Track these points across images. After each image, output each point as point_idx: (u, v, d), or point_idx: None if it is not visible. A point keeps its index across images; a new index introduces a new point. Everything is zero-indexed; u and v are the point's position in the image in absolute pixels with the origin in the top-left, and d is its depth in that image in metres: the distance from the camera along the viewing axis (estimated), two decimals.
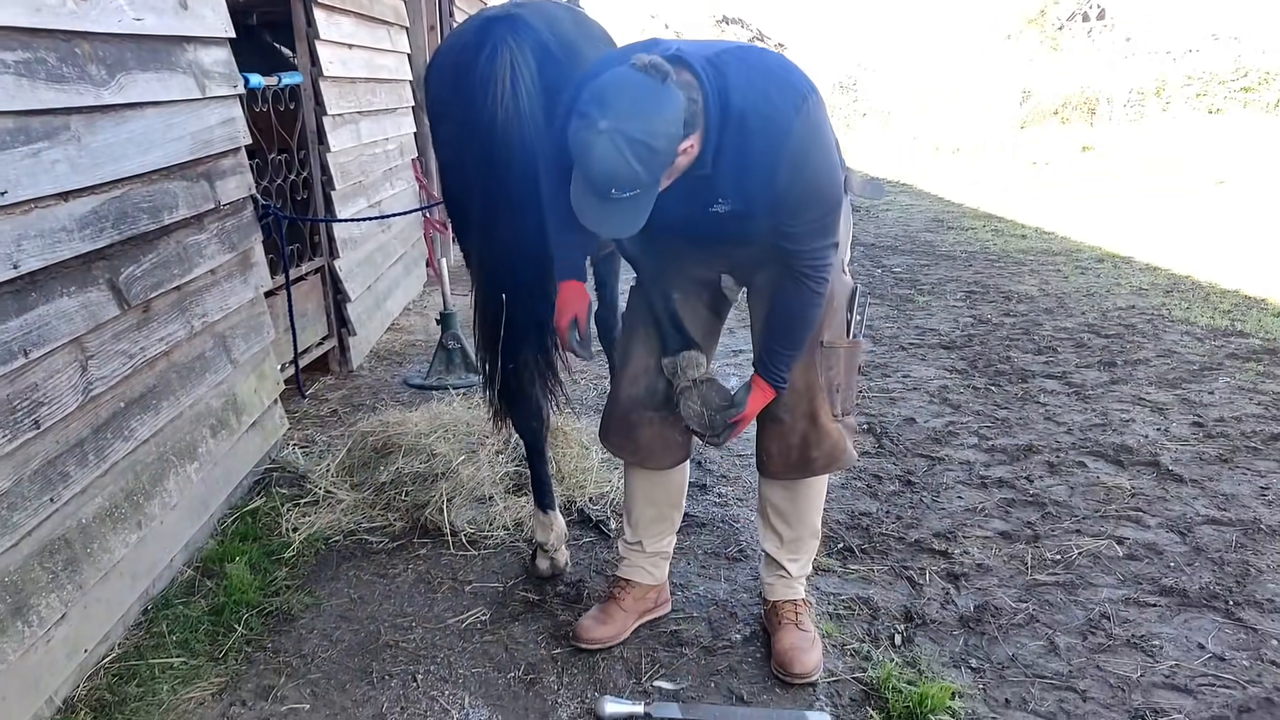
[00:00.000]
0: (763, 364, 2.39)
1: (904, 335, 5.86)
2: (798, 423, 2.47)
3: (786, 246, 2.21)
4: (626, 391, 2.57)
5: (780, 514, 2.67)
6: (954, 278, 7.46)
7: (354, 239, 5.50)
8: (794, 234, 2.18)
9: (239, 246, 3.68)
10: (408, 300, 6.86)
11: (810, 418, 2.47)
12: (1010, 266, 7.80)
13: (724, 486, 3.74)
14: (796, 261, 2.23)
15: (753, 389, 2.40)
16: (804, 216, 2.16)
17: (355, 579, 3.12)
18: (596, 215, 2.00)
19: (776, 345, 2.36)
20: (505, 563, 3.20)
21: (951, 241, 9.03)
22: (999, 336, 5.75)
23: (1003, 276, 7.43)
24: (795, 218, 2.15)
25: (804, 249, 2.21)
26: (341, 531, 3.40)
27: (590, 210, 2.00)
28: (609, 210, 1.99)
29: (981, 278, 7.41)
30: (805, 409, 2.46)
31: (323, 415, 4.63)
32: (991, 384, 4.91)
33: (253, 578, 3.05)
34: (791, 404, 2.46)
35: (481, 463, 3.62)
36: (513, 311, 2.63)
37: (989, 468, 3.90)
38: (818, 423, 2.47)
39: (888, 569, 3.13)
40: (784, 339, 2.35)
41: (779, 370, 2.38)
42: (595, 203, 1.99)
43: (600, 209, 1.99)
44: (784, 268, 2.27)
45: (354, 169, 5.56)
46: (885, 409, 4.59)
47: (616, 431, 2.61)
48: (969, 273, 7.63)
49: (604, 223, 2.01)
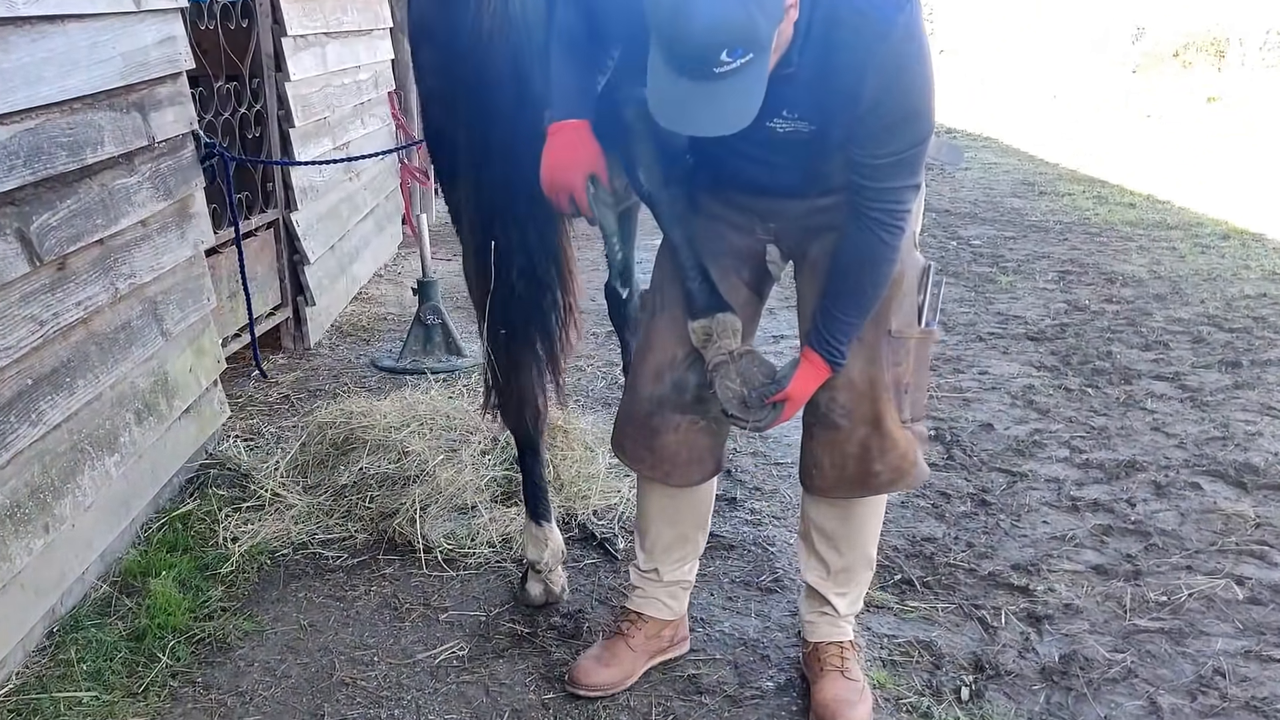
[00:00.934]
0: (817, 333, 2.35)
1: (982, 323, 5.83)
2: (857, 429, 2.45)
3: (861, 183, 2.19)
4: (648, 389, 2.55)
5: (828, 538, 2.66)
6: (1045, 254, 7.40)
7: (315, 188, 5.50)
8: (873, 167, 2.15)
9: (176, 193, 3.67)
10: (379, 264, 6.87)
11: (873, 423, 2.45)
12: (1115, 242, 7.75)
13: (757, 501, 3.73)
14: (869, 203, 2.20)
15: (803, 364, 2.37)
16: (890, 145, 2.13)
17: (306, 602, 3.12)
18: (693, 104, 1.89)
19: (837, 310, 2.32)
20: (489, 587, 3.19)
21: (1043, 210, 8.97)
22: (1098, 327, 5.72)
23: (1105, 254, 7.38)
24: (879, 145, 2.13)
25: (882, 187, 2.18)
26: (291, 543, 3.39)
27: (682, 98, 1.89)
28: (712, 93, 1.88)
29: (1079, 255, 7.36)
30: (867, 412, 2.44)
31: (272, 401, 4.63)
32: (1088, 385, 4.87)
33: (181, 597, 3.04)
34: (851, 406, 2.44)
35: (463, 464, 3.62)
36: (505, 268, 2.62)
37: (1081, 487, 3.87)
38: (882, 429, 2.45)
39: (955, 607, 3.11)
40: (847, 302, 2.32)
41: (837, 341, 2.34)
42: (690, 86, 1.88)
43: (698, 93, 1.88)
44: (851, 213, 2.25)
45: (318, 102, 5.56)
46: (957, 412, 4.56)
47: (634, 439, 2.60)
48: (1064, 248, 7.58)
49: (705, 113, 1.89)
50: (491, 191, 2.59)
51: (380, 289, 6.47)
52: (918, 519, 3.64)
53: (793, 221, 2.45)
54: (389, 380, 4.88)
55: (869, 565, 2.71)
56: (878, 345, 2.42)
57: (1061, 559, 3.39)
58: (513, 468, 3.60)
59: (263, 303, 5.02)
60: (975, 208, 9.08)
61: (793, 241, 2.49)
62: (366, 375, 4.99)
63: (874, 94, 2.04)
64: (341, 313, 5.91)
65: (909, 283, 2.44)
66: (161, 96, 3.61)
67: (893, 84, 2.05)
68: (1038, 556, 3.40)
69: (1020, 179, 10.51)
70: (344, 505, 3.55)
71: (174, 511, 3.53)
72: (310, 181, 5.42)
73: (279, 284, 5.21)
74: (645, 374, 2.56)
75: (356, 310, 6.01)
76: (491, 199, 2.60)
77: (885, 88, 2.04)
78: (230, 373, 4.60)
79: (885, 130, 2.11)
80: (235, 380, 4.76)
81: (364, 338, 5.56)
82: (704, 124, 1.94)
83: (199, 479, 3.79)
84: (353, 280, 6.18)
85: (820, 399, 2.44)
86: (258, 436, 4.19)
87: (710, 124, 1.94)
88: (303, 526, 3.47)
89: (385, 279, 6.70)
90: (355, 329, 5.69)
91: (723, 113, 1.92)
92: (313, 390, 4.77)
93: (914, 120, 2.11)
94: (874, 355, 2.42)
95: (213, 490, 3.69)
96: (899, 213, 2.22)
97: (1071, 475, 3.97)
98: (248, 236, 4.83)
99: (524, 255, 2.62)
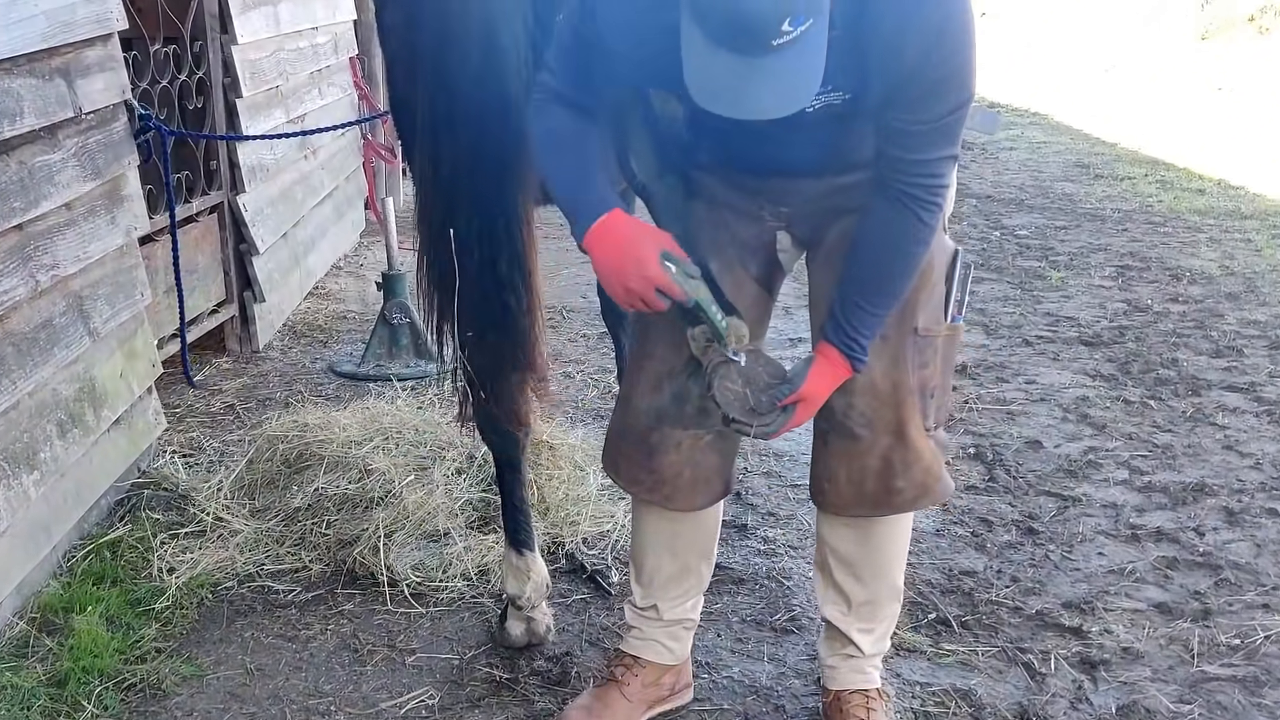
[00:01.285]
0: (837, 326, 2.31)
1: (1029, 325, 5.82)
2: (879, 439, 2.44)
3: (896, 154, 2.18)
4: (645, 401, 2.54)
5: (847, 565, 2.64)
6: (1101, 246, 7.40)
7: (266, 167, 5.49)
8: (911, 135, 2.14)
9: (106, 172, 3.65)
10: (338, 255, 6.87)
11: (896, 432, 2.44)
12: (1181, 232, 7.74)
13: (771, 528, 3.71)
14: (905, 177, 2.19)
15: (818, 361, 2.33)
16: (932, 109, 2.11)
17: (254, 642, 3.10)
18: (749, 83, 1.87)
19: (861, 300, 2.29)
20: (463, 625, 3.18)
21: (1099, 195, 8.98)
22: (1162, 330, 5.70)
23: (1170, 247, 7.37)
24: (921, 108, 2.11)
25: (920, 158, 2.17)
26: (236, 575, 3.38)
27: (734, 78, 1.87)
28: (769, 69, 1.86)
29: (1140, 247, 7.35)
30: (890, 420, 2.43)
31: (215, 412, 4.62)
32: (1150, 396, 4.86)
33: (110, 636, 3.02)
34: (871, 413, 2.42)
35: (434, 485, 3.60)
36: (465, 260, 2.63)
37: (1143, 514, 3.86)
38: (906, 438, 2.44)
39: (997, 651, 3.10)
40: (873, 291, 2.29)
41: (860, 336, 2.31)
42: (742, 63, 1.86)
43: (754, 70, 1.86)
44: (882, 189, 2.23)
45: (269, 69, 5.55)
46: (1000, 427, 4.55)
47: (630, 457, 2.59)
48: (1122, 240, 7.57)
49: (764, 91, 1.88)
50: (452, 171, 2.59)
51: (340, 283, 6.47)
52: (955, 549, 3.63)
53: (808, 204, 2.43)
54: (349, 388, 4.87)
55: (895, 596, 2.70)
56: (902, 345, 2.41)
57: (1119, 596, 3.38)
58: (491, 489, 3.57)
59: (205, 298, 5.01)
60: (1021, 193, 9.09)
61: (808, 227, 2.47)
62: (323, 382, 4.98)
63: (917, 52, 2.04)
64: (295, 310, 5.90)
65: (937, 269, 2.42)
66: (90, 61, 3.59)
67: (937, 39, 2.05)
68: (1092, 593, 3.38)
69: (1073, 160, 10.53)
70: (297, 531, 3.53)
71: (102, 538, 3.51)
72: (260, 160, 5.41)
73: (223, 277, 5.19)
74: (642, 383, 2.55)
75: (312, 307, 6.01)
76: (452, 180, 2.60)
77: (929, 44, 2.04)
78: (167, 379, 4.58)
79: (928, 91, 2.10)
80: (173, 387, 4.74)
81: (321, 339, 5.56)
82: (764, 104, 1.92)
83: (130, 500, 3.77)
84: (308, 273, 6.17)
85: (836, 404, 2.41)
86: (198, 452, 4.17)
87: (772, 104, 1.92)
88: (249, 556, 3.45)
89: (346, 272, 6.71)
90: (311, 329, 5.69)
91: (785, 89, 1.91)
92: (262, 399, 4.76)
93: (958, 80, 2.11)
94: (898, 356, 2.41)
95: (146, 513, 3.67)
96: (937, 188, 2.22)
97: (1131, 500, 3.95)
98: (187, 222, 4.81)
99: (487, 246, 2.62)
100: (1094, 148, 11.25)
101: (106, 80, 3.69)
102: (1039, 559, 3.57)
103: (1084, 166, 10.22)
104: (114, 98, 3.74)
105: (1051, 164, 10.37)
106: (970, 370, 5.14)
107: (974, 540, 3.68)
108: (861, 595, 2.66)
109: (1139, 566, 3.53)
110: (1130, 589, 3.41)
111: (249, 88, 5.25)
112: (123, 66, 3.83)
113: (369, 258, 6.98)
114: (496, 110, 2.47)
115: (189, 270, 4.66)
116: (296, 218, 5.95)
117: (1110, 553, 3.62)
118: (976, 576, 3.46)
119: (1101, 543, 3.68)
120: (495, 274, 2.66)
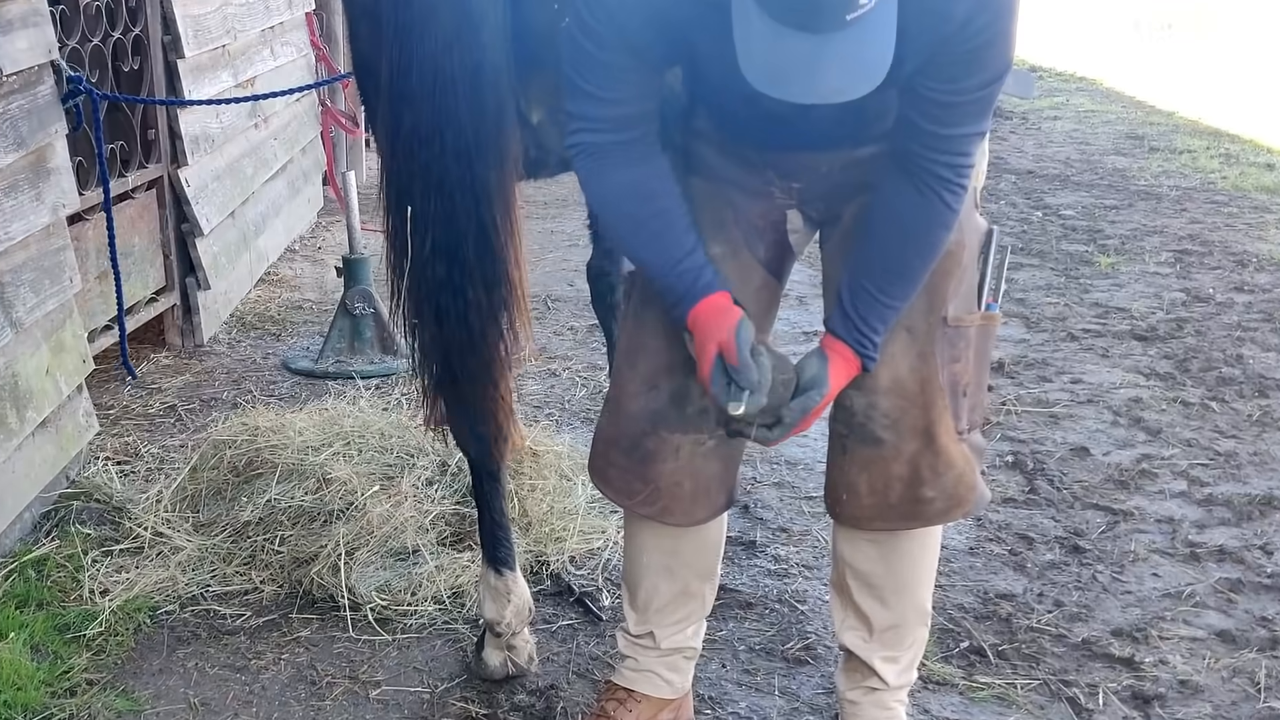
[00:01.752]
0: (846, 319, 2.35)
1: (1075, 317, 5.83)
2: (905, 444, 2.46)
3: (926, 128, 2.21)
4: (638, 402, 2.55)
5: (869, 585, 2.66)
6: (1157, 228, 7.41)
7: (211, 137, 5.50)
8: (946, 106, 2.18)
9: (30, 142, 3.66)
10: (293, 237, 6.86)
11: (925, 435, 2.46)
12: (1247, 213, 7.75)
13: (782, 545, 3.72)
14: (932, 155, 2.23)
15: (827, 357, 2.37)
16: (974, 75, 2.15)
17: (197, 673, 3.11)
18: (821, 64, 1.90)
19: (877, 290, 2.33)
20: (435, 654, 3.19)
21: (1155, 171, 8.99)
22: (1225, 324, 5.72)
23: (1234, 229, 7.38)
24: (962, 75, 2.15)
25: (952, 134, 2.21)
26: (177, 598, 3.38)
27: (803, 58, 1.90)
28: (842, 45, 1.89)
29: (1201, 230, 7.36)
30: (918, 422, 2.45)
31: (153, 414, 4.61)
32: (1211, 397, 4.88)
33: (35, 666, 3.03)
34: (897, 415, 2.45)
35: (402, 496, 3.61)
36: (420, 242, 2.65)
37: (1203, 530, 3.88)
38: (935, 443, 2.46)
39: (1038, 684, 3.11)
40: (891, 280, 2.33)
41: (872, 330, 2.35)
42: (812, 42, 1.89)
43: (826, 48, 1.89)
44: (902, 168, 2.27)
45: (215, 25, 5.56)
46: (1043, 432, 4.56)
47: (621, 465, 2.59)
48: (1181, 221, 7.58)
49: (837, 71, 1.91)
50: (411, 142, 2.60)
51: (295, 268, 6.48)
52: (991, 570, 3.64)
53: (822, 179, 2.46)
54: (306, 387, 4.87)
55: (923, 620, 2.70)
56: (931, 337, 2.43)
57: (1176, 622, 3.39)
58: (466, 500, 3.59)
59: (142, 285, 5.01)
60: (1067, 168, 9.10)
61: (821, 205, 2.51)
62: (276, 380, 4.98)
63: (964, 11, 2.07)
64: (244, 299, 5.91)
65: (969, 254, 2.46)
66: (11, 16, 3.60)
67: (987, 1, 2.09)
68: (1146, 619, 3.39)
69: (1125, 131, 10.53)
70: (246, 549, 3.53)
71: (25, 555, 3.51)
72: (204, 129, 5.41)
73: (163, 261, 5.19)
74: (634, 382, 2.56)
75: (264, 295, 6.02)
76: (410, 150, 2.61)
77: (977, 3, 2.08)
78: (100, 375, 4.60)
79: (972, 55, 2.13)
80: (106, 385, 4.75)
81: (273, 331, 5.57)
82: (839, 85, 1.96)
83: (58, 513, 3.77)
84: (259, 257, 6.18)
85: (856, 404, 2.45)
86: (135, 458, 4.16)
87: (847, 83, 1.96)
88: (193, 576, 3.45)
89: (301, 256, 6.70)
90: (262, 320, 5.70)
91: (858, 67, 1.95)
92: (206, 399, 4.75)
93: (1002, 44, 2.15)
94: (926, 350, 2.43)
95: (76, 528, 3.67)
96: (963, 167, 2.25)
97: (1190, 514, 3.97)
98: (122, 199, 4.80)
99: (445, 228, 2.63)
100: (1149, 117, 11.24)
101: (31, 38, 3.69)
102: (1086, 580, 3.58)
103: (1138, 138, 10.22)
104: (39, 57, 3.73)
105: (1100, 135, 10.36)
106: (1008, 368, 5.15)
107: (1012, 559, 3.69)
108: (885, 619, 2.66)
109: (1199, 589, 3.54)
110: (1189, 614, 3.42)
111: (191, 47, 5.25)
112: (49, 22, 3.83)
113: (328, 239, 6.96)
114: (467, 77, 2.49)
115: (124, 253, 4.64)
116: (246, 194, 5.95)
117: (1166, 574, 3.62)
118: (1015, 600, 3.47)
119: (1156, 562, 3.68)
120: (455, 259, 2.66)
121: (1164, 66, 14.19)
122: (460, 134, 2.54)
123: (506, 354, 2.81)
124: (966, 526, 3.78)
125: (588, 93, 2.28)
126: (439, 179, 2.60)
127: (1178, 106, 11.65)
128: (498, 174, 2.63)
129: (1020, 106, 10.89)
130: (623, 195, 2.35)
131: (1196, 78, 13.26)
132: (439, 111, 2.55)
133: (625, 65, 2.24)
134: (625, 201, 2.36)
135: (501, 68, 2.53)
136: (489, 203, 2.65)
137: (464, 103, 2.52)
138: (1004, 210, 7.74)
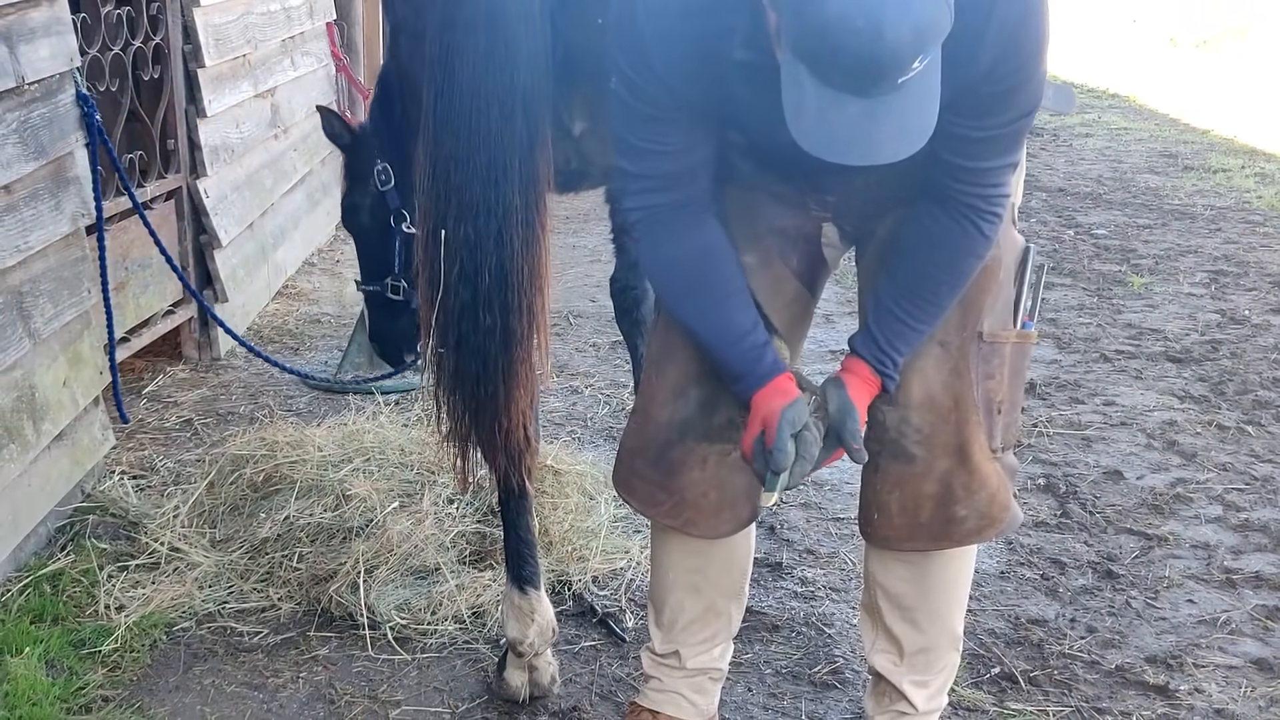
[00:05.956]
0: (870, 339, 2.38)
1: (1108, 338, 5.83)
2: (937, 461, 2.46)
3: (957, 163, 2.23)
4: (665, 411, 2.56)
5: (901, 608, 2.66)
6: (1192, 248, 7.39)
7: (230, 147, 5.52)
8: (975, 142, 2.21)
9: (50, 151, 3.67)
10: (312, 249, 6.89)
11: (958, 453, 2.46)
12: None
13: (810, 568, 3.72)
14: (965, 187, 2.25)
15: (848, 381, 2.39)
16: (1002, 114, 2.19)
17: (214, 691, 3.11)
18: (875, 126, 1.94)
19: (904, 314, 2.35)
20: (455, 674, 3.19)
21: (1190, 190, 8.97)
22: (1261, 345, 5.71)
23: (1270, 249, 7.36)
24: (989, 114, 2.18)
25: (983, 166, 2.23)
26: (194, 614, 3.39)
27: (858, 123, 1.93)
28: (892, 108, 1.93)
29: (1236, 250, 7.35)
30: (951, 440, 2.46)
31: (169, 427, 4.63)
32: (1248, 420, 4.87)
33: (50, 682, 3.03)
34: (929, 431, 2.45)
35: (423, 514, 3.61)
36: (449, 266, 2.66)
37: (1239, 556, 3.87)
38: (969, 461, 2.47)
39: (1070, 712, 3.10)
40: (919, 305, 2.35)
41: (895, 352, 2.37)
42: (865, 106, 1.92)
43: (878, 111, 1.93)
44: (938, 198, 2.29)
45: (236, 34, 5.59)
46: (1075, 454, 4.56)
47: (646, 476, 2.60)
48: (1216, 241, 7.56)
49: (887, 132, 1.95)
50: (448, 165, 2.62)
51: (313, 281, 6.49)
52: (1022, 594, 3.63)
53: (856, 194, 2.47)
54: (324, 401, 4.88)
55: (954, 645, 2.71)
56: (965, 352, 2.44)
57: (1212, 650, 3.38)
58: (488, 519, 3.60)
59: (159, 297, 5.03)
60: (1099, 186, 9.09)
61: (856, 219, 2.52)
62: (295, 394, 4.99)
63: (993, 53, 2.11)
64: (262, 312, 5.92)
65: (1006, 270, 2.46)
66: (34, 24, 3.61)
67: (1014, 40, 2.12)
68: (1180, 646, 3.39)
69: (1158, 149, 10.51)
70: (264, 565, 3.54)
71: (41, 569, 3.52)
72: (224, 139, 5.44)
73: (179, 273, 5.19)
74: (662, 391, 2.57)
75: (282, 309, 6.03)
76: (447, 173, 2.63)
77: (1006, 46, 2.11)
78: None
79: (999, 96, 2.17)
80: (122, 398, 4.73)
81: (291, 345, 5.58)
82: (892, 148, 1.98)
83: (74, 528, 3.77)
84: (277, 270, 6.20)
85: (889, 419, 2.45)
86: (151, 473, 4.17)
87: (899, 144, 1.99)
88: (209, 592, 3.46)
89: (320, 269, 6.72)
90: (280, 333, 5.71)
91: (909, 127, 1.98)
92: (223, 414, 4.76)
93: (1029, 85, 2.18)
94: (960, 366, 2.44)
95: (92, 542, 3.67)
96: (997, 198, 2.28)
97: (1226, 540, 3.96)
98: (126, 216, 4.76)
99: (471, 253, 2.63)
100: (1182, 135, 11.22)
101: (53, 46, 3.71)
102: (1119, 606, 3.57)
103: (1171, 156, 10.20)
104: (61, 66, 3.75)
105: (1133, 153, 10.35)
106: (1040, 389, 5.15)
107: (1044, 584, 3.68)
108: (916, 643, 2.66)
109: (1234, 616, 3.53)
110: (1224, 642, 3.42)
111: (212, 56, 5.28)
112: (72, 31, 3.84)
113: (346, 252, 6.92)
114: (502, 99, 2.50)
115: (141, 265, 4.66)
116: (264, 206, 5.97)
117: (1201, 600, 3.62)
118: (1047, 626, 3.47)
119: (1191, 589, 3.67)
120: (477, 287, 2.66)
121: (1199, 84, 14.18)
122: (493, 156, 2.55)
123: (530, 374, 2.80)
124: (997, 550, 3.78)
125: (641, 148, 2.32)
126: (471, 201, 2.61)
127: (1212, 124, 11.63)
128: (523, 197, 2.63)
129: (1051, 123, 10.89)
130: (681, 266, 2.39)
131: (1232, 95, 13.24)
132: (475, 133, 2.56)
133: (673, 118, 2.28)
134: (683, 273, 2.40)
135: (535, 89, 2.54)
136: (513, 224, 2.66)
137: (495, 124, 2.52)
138: (1035, 229, 7.73)
